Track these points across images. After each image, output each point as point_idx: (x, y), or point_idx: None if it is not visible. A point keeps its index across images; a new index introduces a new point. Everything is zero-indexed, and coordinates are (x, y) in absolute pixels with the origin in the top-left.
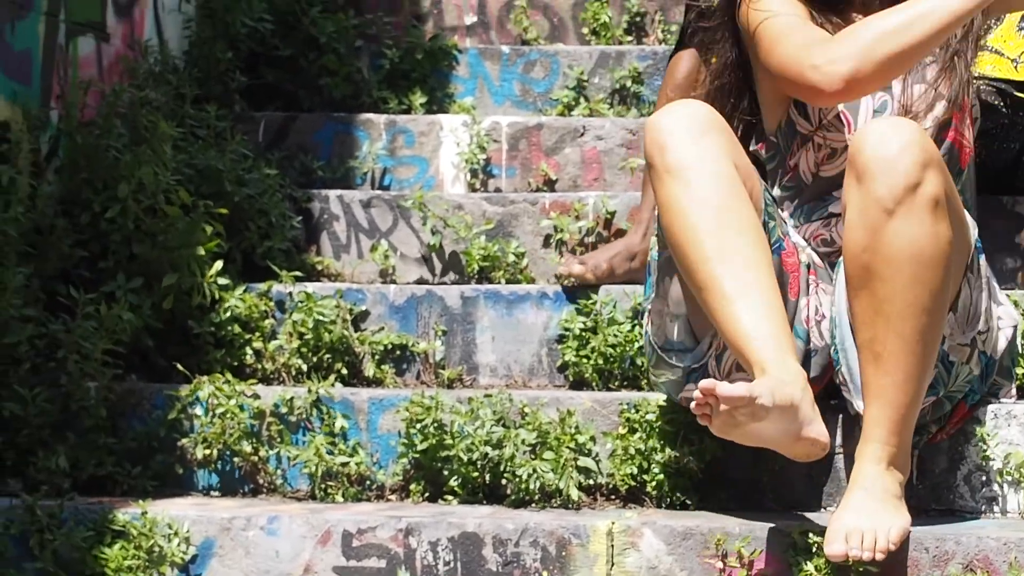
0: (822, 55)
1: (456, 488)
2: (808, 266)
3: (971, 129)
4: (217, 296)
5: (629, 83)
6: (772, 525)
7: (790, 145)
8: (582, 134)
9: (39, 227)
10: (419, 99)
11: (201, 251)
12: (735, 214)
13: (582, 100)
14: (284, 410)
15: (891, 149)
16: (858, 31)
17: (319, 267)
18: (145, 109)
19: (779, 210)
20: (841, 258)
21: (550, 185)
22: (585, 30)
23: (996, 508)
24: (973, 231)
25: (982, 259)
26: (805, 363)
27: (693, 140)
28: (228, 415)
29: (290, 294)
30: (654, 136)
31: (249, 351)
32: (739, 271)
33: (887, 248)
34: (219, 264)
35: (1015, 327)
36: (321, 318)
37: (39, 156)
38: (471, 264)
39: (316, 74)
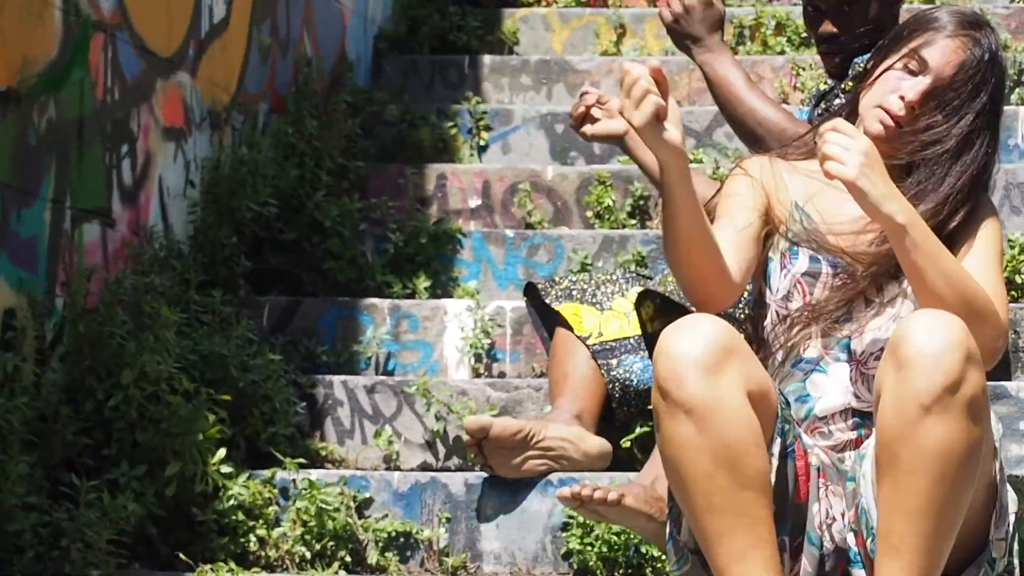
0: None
1: None
2: (818, 469)
3: None
4: (220, 483)
5: (633, 267)
6: None
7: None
8: None
9: (43, 415)
10: (423, 283)
11: (204, 438)
12: (747, 465)
13: None
14: None
15: (935, 346)
16: None
17: (323, 453)
18: (149, 295)
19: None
20: (862, 453)
21: None
22: (589, 213)
23: None
24: (998, 426)
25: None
26: (819, 566)
27: (711, 372)
28: None
29: (294, 481)
30: (670, 366)
31: (253, 538)
32: (746, 528)
33: (918, 443)
34: (222, 451)
35: (1015, 512)
36: (325, 505)
37: (44, 343)
38: None
39: (320, 258)
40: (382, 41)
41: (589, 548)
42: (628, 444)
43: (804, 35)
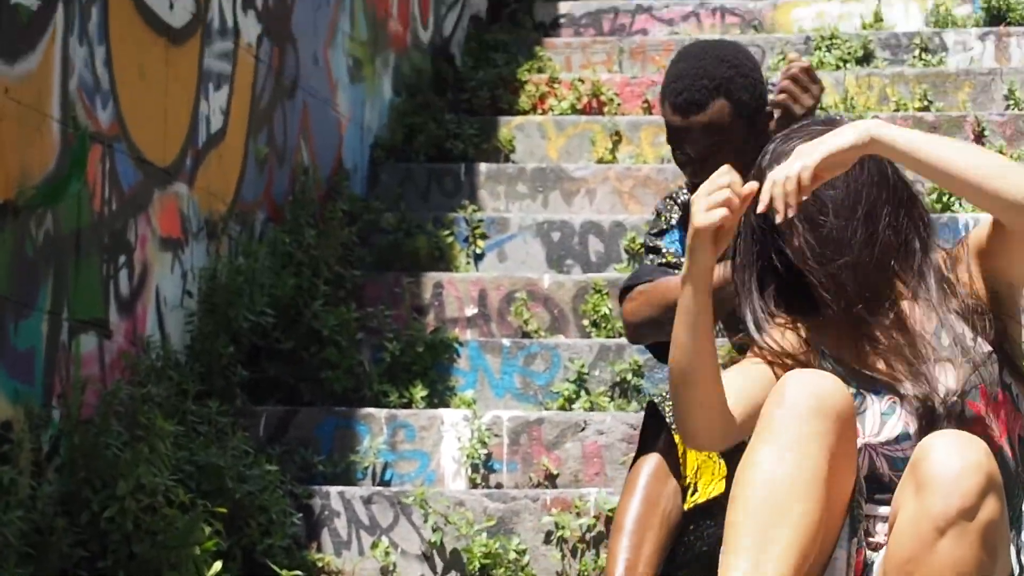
0: None
1: None
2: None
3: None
4: None
5: (629, 376)
6: None
7: None
8: (583, 428)
9: (39, 527)
10: (420, 392)
11: (201, 550)
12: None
13: (583, 393)
14: None
15: (955, 468)
16: None
17: (320, 564)
18: (146, 406)
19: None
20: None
21: (551, 480)
22: (586, 322)
23: None
24: (1015, 557)
25: None
26: None
27: (803, 414)
28: None
29: None
30: (780, 390)
31: None
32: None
33: (931, 564)
34: (219, 564)
35: None
36: None
37: (40, 455)
38: (472, 562)
39: (317, 367)
40: (379, 150)
41: None
42: None
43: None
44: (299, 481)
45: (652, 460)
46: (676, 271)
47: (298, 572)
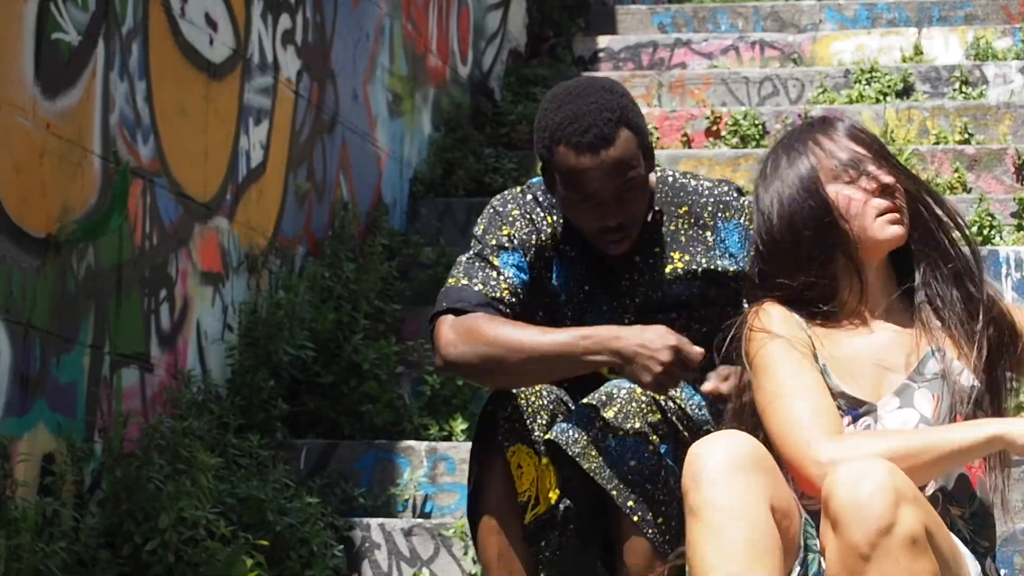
0: (827, 452)
1: None
2: None
3: None
4: None
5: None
6: None
7: None
8: None
9: (82, 559)
10: (460, 426)
11: None
12: (766, 564)
13: None
14: None
15: (861, 495)
16: (870, 441)
17: None
18: (187, 439)
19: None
20: None
21: None
22: None
23: None
24: (973, 565)
25: None
26: None
27: (728, 479)
28: None
29: None
30: (690, 468)
31: None
32: None
33: None
34: None
35: None
36: None
37: (82, 488)
38: None
39: (358, 401)
40: (418, 184)
41: None
42: None
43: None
44: (340, 514)
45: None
46: (504, 307)
47: None
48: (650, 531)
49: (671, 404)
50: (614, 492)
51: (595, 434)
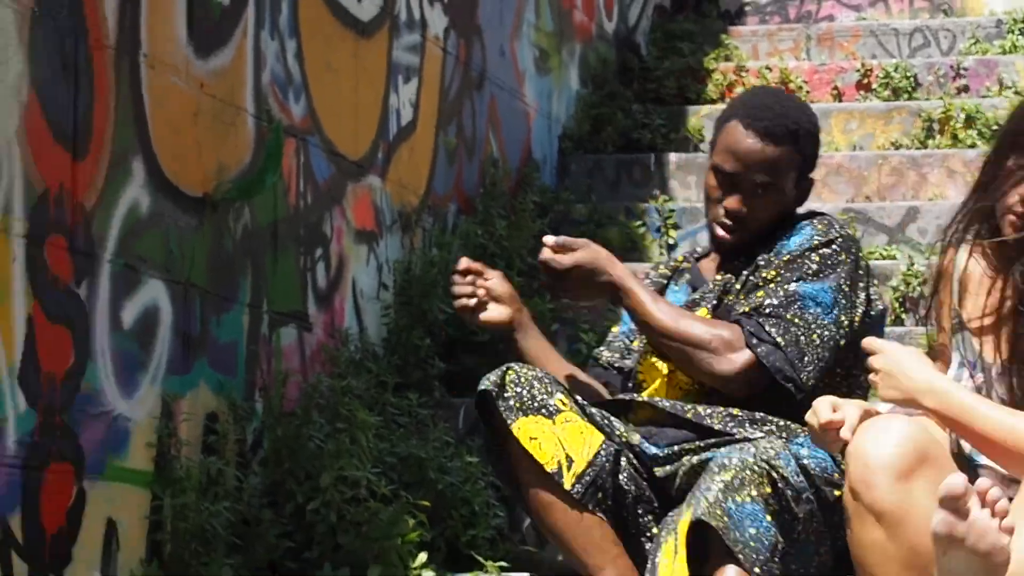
0: None
1: None
2: None
3: None
4: None
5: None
6: None
7: None
8: None
9: (246, 518)
10: None
11: (404, 541)
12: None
13: None
14: None
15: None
16: None
17: (523, 556)
18: (346, 398)
19: None
20: None
21: None
22: None
23: None
24: None
25: None
26: None
27: (902, 478)
28: None
29: None
30: (862, 469)
31: None
32: None
33: None
34: (423, 555)
35: None
36: None
37: (244, 447)
38: None
39: (515, 359)
40: (567, 141)
41: None
42: None
43: (995, 127)
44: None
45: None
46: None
47: (502, 563)
48: None
49: (776, 475)
50: (740, 556)
51: (716, 495)
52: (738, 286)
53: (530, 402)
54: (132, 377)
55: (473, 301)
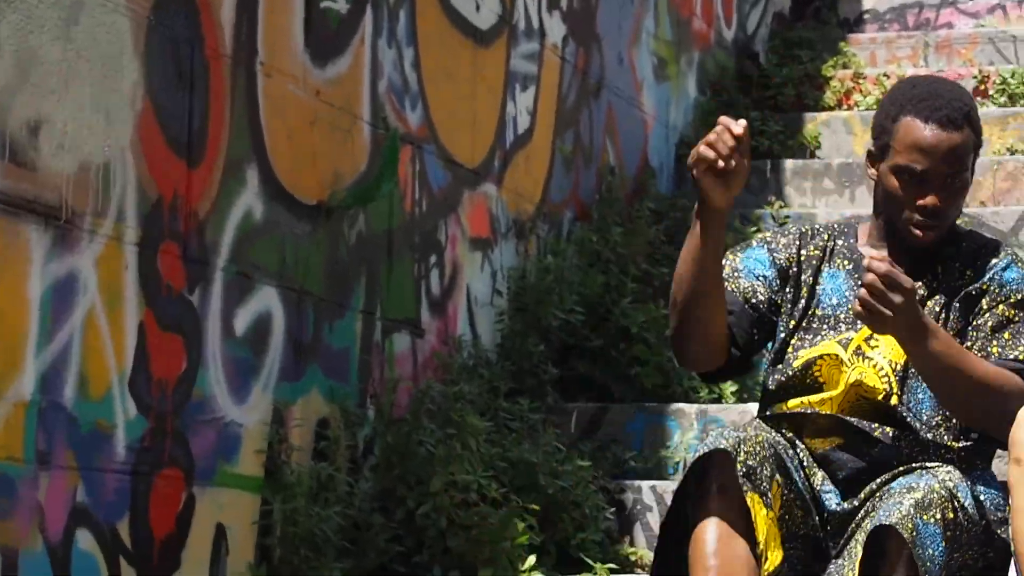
0: None
1: None
2: None
3: None
4: None
5: None
6: None
7: None
8: None
9: (356, 523)
10: (730, 388)
11: (515, 544)
12: None
13: None
14: None
15: None
16: None
17: (633, 558)
18: (458, 403)
19: None
20: None
21: None
22: None
23: None
24: None
25: None
26: None
27: None
28: None
29: None
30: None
31: None
32: None
33: None
34: (533, 558)
35: None
36: None
37: (356, 453)
38: None
39: (627, 364)
40: (684, 148)
41: None
42: None
43: None
44: (611, 476)
45: (713, 525)
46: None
47: (612, 565)
48: None
49: (956, 503)
50: (924, 572)
51: (908, 510)
52: (933, 304)
53: (758, 482)
54: (244, 384)
55: (721, 164)
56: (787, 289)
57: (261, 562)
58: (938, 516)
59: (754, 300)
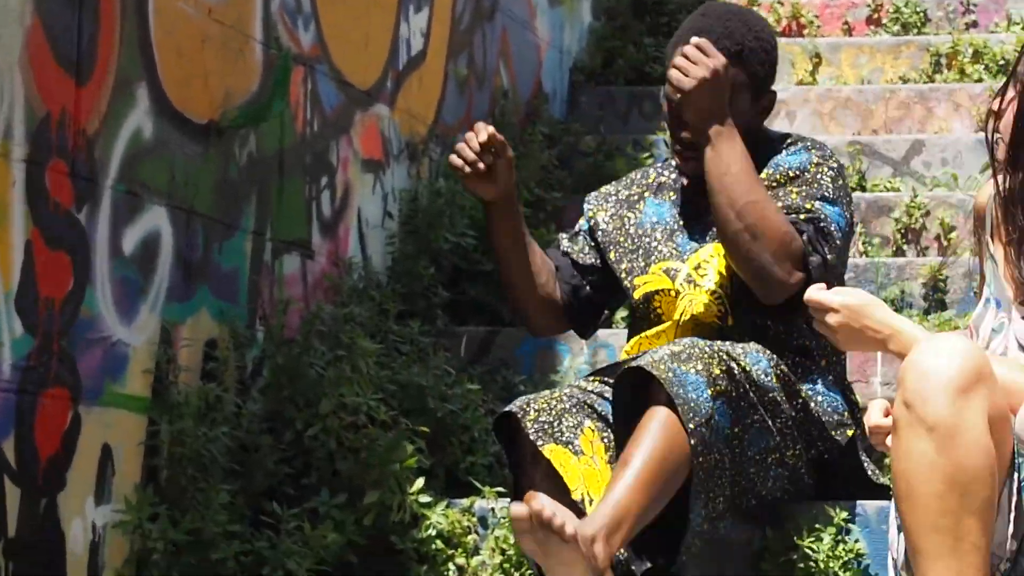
0: None
1: None
2: None
3: None
4: (419, 512)
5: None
6: None
7: None
8: None
9: (245, 445)
10: (621, 312)
11: (403, 467)
12: (978, 493)
13: None
14: None
15: None
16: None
17: None
18: (348, 326)
19: None
20: None
21: None
22: None
23: None
24: None
25: None
26: None
27: (960, 394)
28: None
29: (492, 510)
30: (920, 381)
31: (452, 567)
32: (963, 553)
33: None
34: (421, 481)
35: None
36: None
37: (245, 374)
38: None
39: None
40: (578, 73)
41: None
42: None
43: (1001, 63)
44: (501, 401)
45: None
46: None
47: (500, 489)
48: (686, 420)
49: (734, 364)
50: (679, 408)
51: (662, 356)
52: None
53: (558, 434)
54: (132, 303)
55: (468, 169)
56: (610, 228)
57: (148, 483)
58: (699, 367)
59: (578, 259)
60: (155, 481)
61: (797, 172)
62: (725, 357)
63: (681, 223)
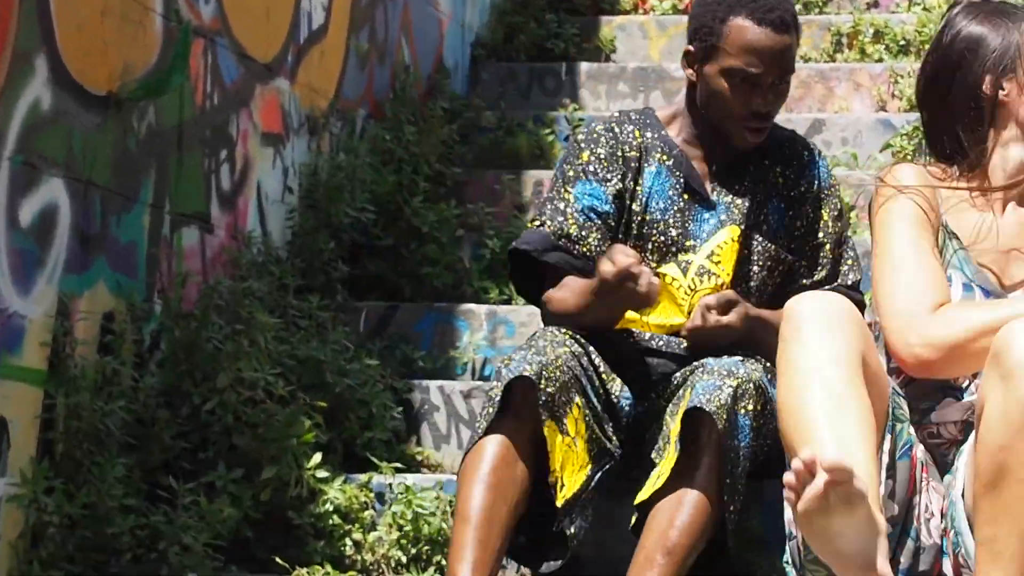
0: (919, 334)
1: None
2: (923, 463)
3: None
4: (317, 487)
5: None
6: None
7: None
8: None
9: (141, 419)
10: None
11: (300, 442)
12: (849, 389)
13: None
14: None
15: None
16: (962, 317)
17: (419, 458)
18: (246, 300)
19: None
20: (962, 448)
21: None
22: None
23: None
24: None
25: None
26: (914, 560)
27: (825, 328)
28: None
29: (390, 485)
30: (789, 319)
31: (348, 542)
32: (847, 421)
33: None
34: (318, 456)
35: None
36: (421, 510)
37: (142, 348)
38: None
39: (418, 264)
40: (479, 48)
41: None
42: None
43: (902, 43)
44: (399, 376)
45: (496, 443)
46: (572, 243)
47: (398, 464)
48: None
49: (766, 396)
50: (728, 463)
51: (727, 400)
52: (751, 203)
53: (555, 409)
54: (28, 275)
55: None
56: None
57: (43, 456)
58: (750, 408)
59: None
60: (51, 455)
61: (838, 210)
62: (763, 390)
63: (686, 197)
